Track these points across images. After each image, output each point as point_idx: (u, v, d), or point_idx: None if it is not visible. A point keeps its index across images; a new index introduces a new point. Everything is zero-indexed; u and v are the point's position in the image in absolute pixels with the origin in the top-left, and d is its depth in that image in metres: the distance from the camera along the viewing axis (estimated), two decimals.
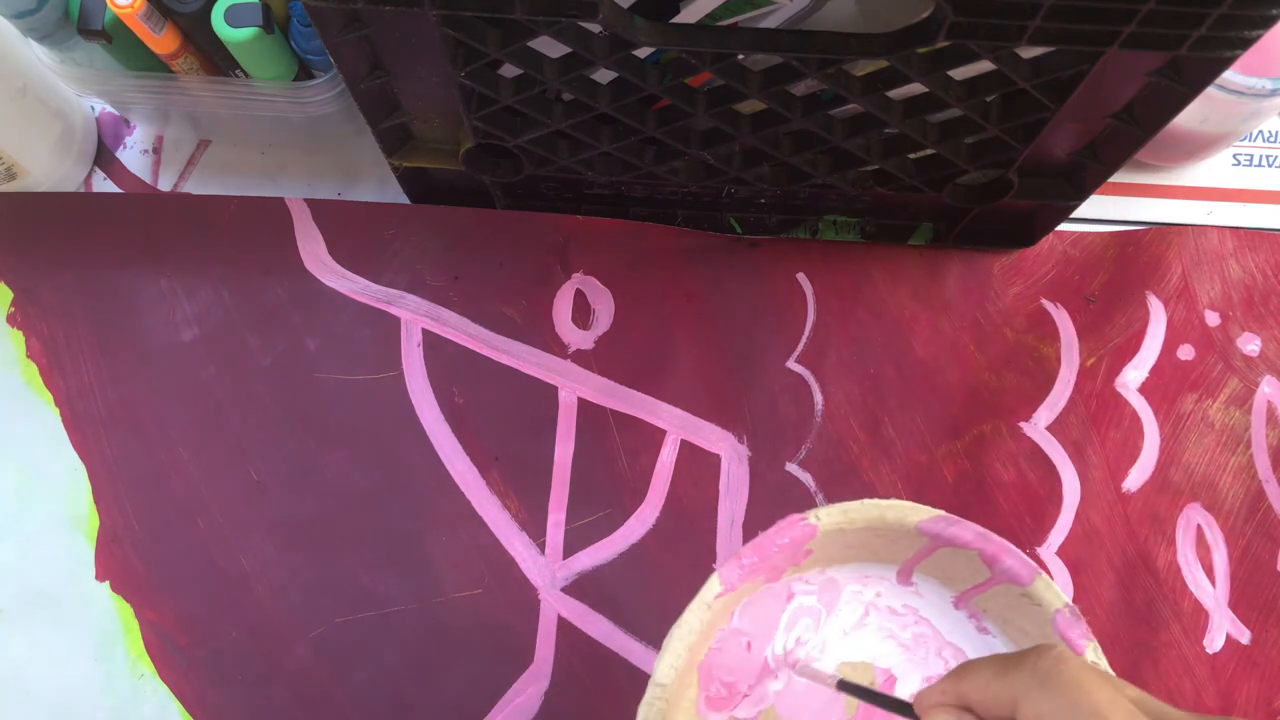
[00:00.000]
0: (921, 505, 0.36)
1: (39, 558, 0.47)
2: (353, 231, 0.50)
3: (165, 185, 0.53)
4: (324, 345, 0.49)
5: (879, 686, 0.39)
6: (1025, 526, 0.48)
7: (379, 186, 0.53)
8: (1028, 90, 0.37)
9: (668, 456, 0.49)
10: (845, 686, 0.34)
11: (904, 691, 0.39)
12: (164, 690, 0.46)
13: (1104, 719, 0.24)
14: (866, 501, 0.37)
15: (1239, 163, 0.54)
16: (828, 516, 0.37)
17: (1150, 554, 0.48)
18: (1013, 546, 0.37)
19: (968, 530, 0.36)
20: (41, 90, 0.48)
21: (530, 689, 0.46)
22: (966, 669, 0.28)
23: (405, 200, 0.51)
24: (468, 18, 0.35)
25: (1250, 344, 0.51)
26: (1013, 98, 0.39)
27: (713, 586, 0.36)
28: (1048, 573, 0.37)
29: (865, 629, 0.39)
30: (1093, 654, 0.35)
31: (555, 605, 0.47)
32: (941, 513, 0.36)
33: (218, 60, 0.46)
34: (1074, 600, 0.48)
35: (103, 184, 0.53)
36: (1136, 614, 0.47)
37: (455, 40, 0.36)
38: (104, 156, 0.53)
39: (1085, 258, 0.52)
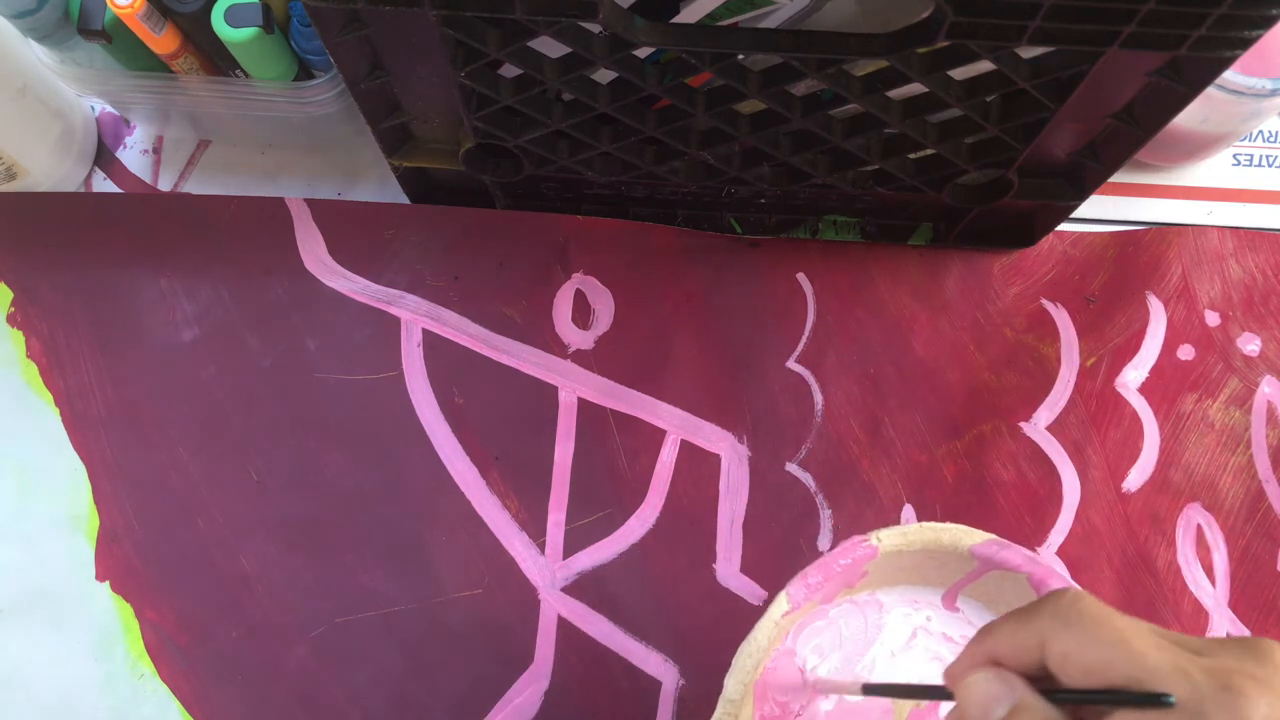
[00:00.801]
0: (975, 529, 0.37)
1: (39, 558, 0.47)
2: (353, 231, 0.50)
3: (165, 185, 0.53)
4: (324, 345, 0.49)
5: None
6: (1025, 526, 0.48)
7: (379, 186, 0.53)
8: (1028, 90, 0.37)
9: (668, 456, 0.49)
10: (871, 689, 0.34)
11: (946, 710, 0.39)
12: (164, 690, 0.46)
13: (1128, 644, 0.25)
14: (925, 525, 0.37)
15: (1239, 163, 0.54)
16: (889, 538, 0.37)
17: (1150, 554, 0.48)
18: (1058, 570, 0.37)
19: (1017, 554, 0.37)
20: (41, 90, 0.48)
21: (530, 689, 0.46)
22: (987, 630, 0.28)
23: (405, 200, 0.51)
24: (468, 18, 0.35)
25: (1250, 344, 0.51)
26: (1013, 98, 0.39)
27: (780, 604, 0.36)
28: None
29: (912, 651, 0.40)
30: None
31: (555, 605, 0.47)
32: (993, 537, 0.37)
33: (218, 60, 0.46)
34: None
35: (103, 184, 0.53)
36: (1136, 614, 0.47)
37: (455, 40, 0.36)
38: (104, 156, 0.53)
39: (1085, 258, 0.52)
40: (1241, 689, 0.24)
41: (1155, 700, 0.24)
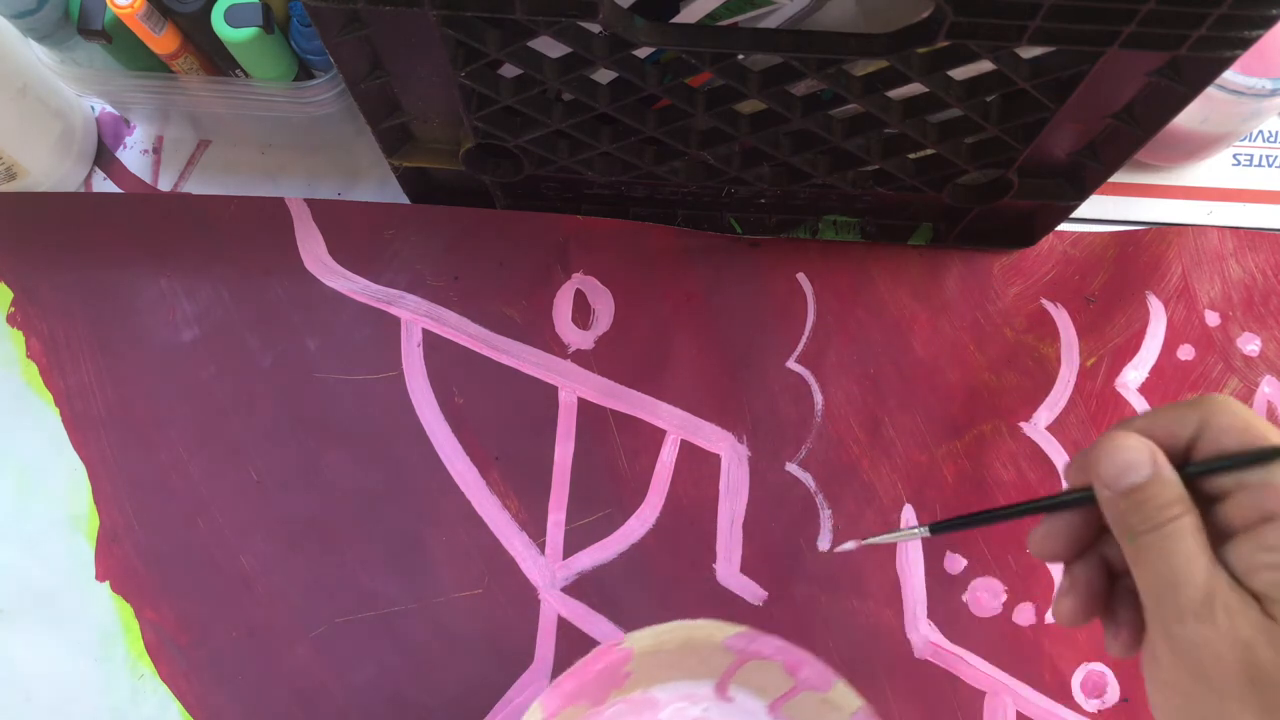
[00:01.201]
0: (727, 623, 0.39)
1: (39, 558, 0.47)
2: (353, 231, 0.50)
3: (165, 185, 0.53)
4: (324, 345, 0.49)
5: None
6: (1025, 526, 0.48)
7: (379, 186, 0.53)
8: (1028, 90, 0.37)
9: (668, 456, 0.49)
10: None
11: None
12: (164, 690, 0.46)
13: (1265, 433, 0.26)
14: (676, 623, 0.39)
15: (1239, 163, 0.54)
16: (640, 640, 0.39)
17: None
18: (812, 656, 0.39)
19: (769, 645, 0.39)
20: (41, 90, 0.48)
21: (530, 689, 0.46)
22: (1147, 413, 0.28)
23: (405, 200, 0.51)
24: (468, 18, 0.35)
25: (1250, 344, 0.51)
26: (1013, 98, 0.39)
27: (534, 714, 0.37)
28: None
29: None
30: None
31: (555, 605, 0.47)
32: (744, 629, 0.39)
33: (218, 60, 0.46)
34: None
35: (103, 184, 0.53)
36: None
37: (455, 40, 0.36)
38: (104, 156, 0.53)
39: (1085, 258, 0.52)
40: None
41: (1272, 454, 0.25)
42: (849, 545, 0.39)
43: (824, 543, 0.48)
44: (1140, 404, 0.50)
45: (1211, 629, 0.24)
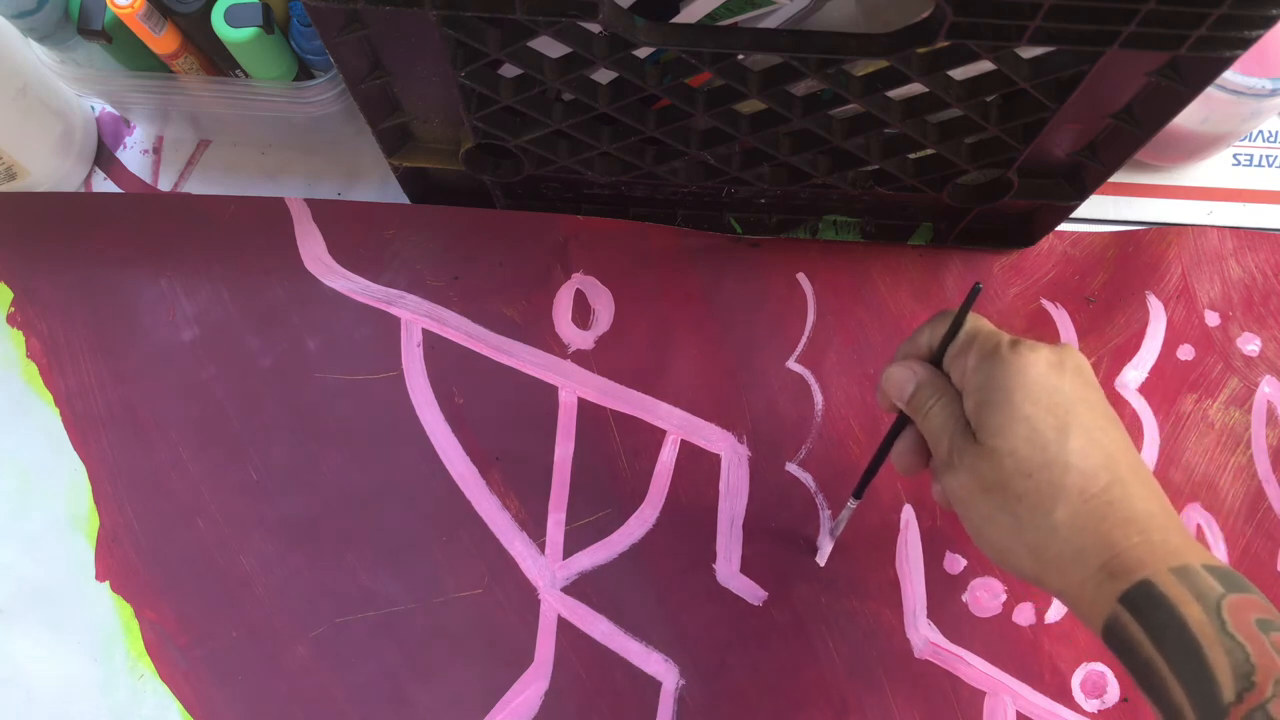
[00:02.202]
0: None
1: (39, 558, 0.47)
2: (353, 231, 0.50)
3: (165, 185, 0.53)
4: (324, 345, 0.49)
5: None
6: None
7: (379, 186, 0.53)
8: (1028, 90, 0.37)
9: (668, 456, 0.49)
10: (858, 492, 0.43)
11: None
12: (164, 690, 0.46)
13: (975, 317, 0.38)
14: None
15: (1239, 163, 0.54)
16: None
17: None
18: None
19: None
20: (41, 90, 0.48)
21: (530, 689, 0.46)
22: (911, 337, 0.39)
23: (405, 200, 0.51)
24: (468, 18, 0.35)
25: (1250, 344, 0.51)
26: (1013, 98, 0.39)
27: None
28: None
29: None
30: None
31: (555, 605, 0.47)
32: None
33: (218, 60, 0.46)
34: None
35: (103, 184, 0.53)
36: None
37: (455, 40, 0.36)
38: (104, 156, 0.53)
39: (1085, 258, 0.52)
40: (1030, 343, 0.36)
41: (958, 324, 0.37)
42: (827, 547, 0.47)
43: (824, 543, 0.48)
44: (1140, 404, 0.50)
45: (952, 473, 0.36)
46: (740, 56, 0.36)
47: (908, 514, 0.48)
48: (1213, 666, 0.30)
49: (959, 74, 0.37)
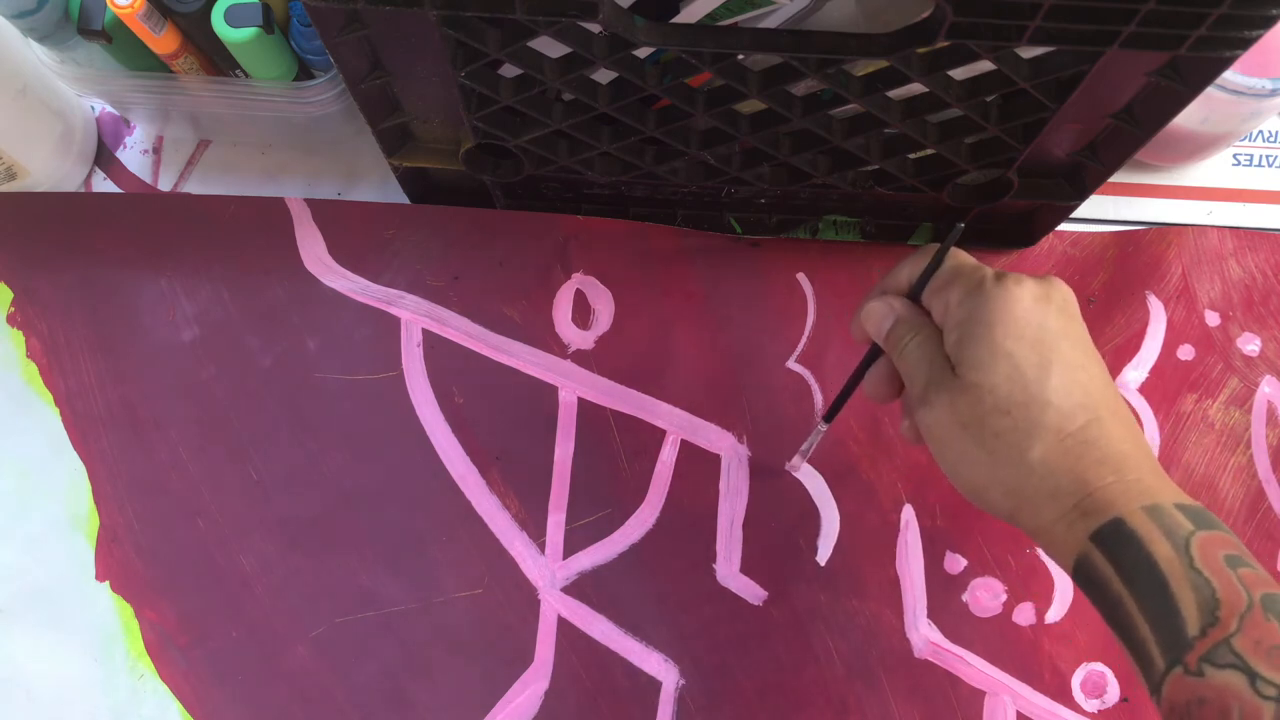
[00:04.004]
0: None
1: (39, 558, 0.47)
2: (353, 231, 0.50)
3: (165, 185, 0.53)
4: (324, 345, 0.49)
5: None
6: None
7: (379, 186, 0.53)
8: (1028, 90, 0.37)
9: (668, 456, 0.49)
10: (829, 415, 0.44)
11: None
12: (164, 690, 0.46)
13: (954, 252, 0.38)
14: None
15: (1239, 163, 0.54)
16: None
17: None
18: None
19: None
20: (41, 90, 0.48)
21: (530, 689, 0.46)
22: (891, 273, 0.40)
23: (405, 200, 0.51)
24: (468, 18, 0.35)
25: (1250, 344, 0.51)
26: (1013, 98, 0.39)
27: None
28: None
29: None
30: None
31: (555, 605, 0.47)
32: None
33: (218, 60, 0.46)
34: (1074, 601, 0.48)
35: (103, 184, 0.53)
36: None
37: (455, 40, 0.36)
38: (104, 156, 0.53)
39: (1085, 258, 0.52)
40: (1015, 276, 0.35)
41: (939, 260, 0.37)
42: (799, 463, 0.47)
43: (824, 543, 0.48)
44: (1140, 404, 0.50)
45: (927, 408, 0.36)
46: (740, 56, 0.36)
47: (908, 514, 0.48)
48: (1179, 602, 0.30)
49: (959, 74, 0.37)
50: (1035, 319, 0.35)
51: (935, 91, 0.37)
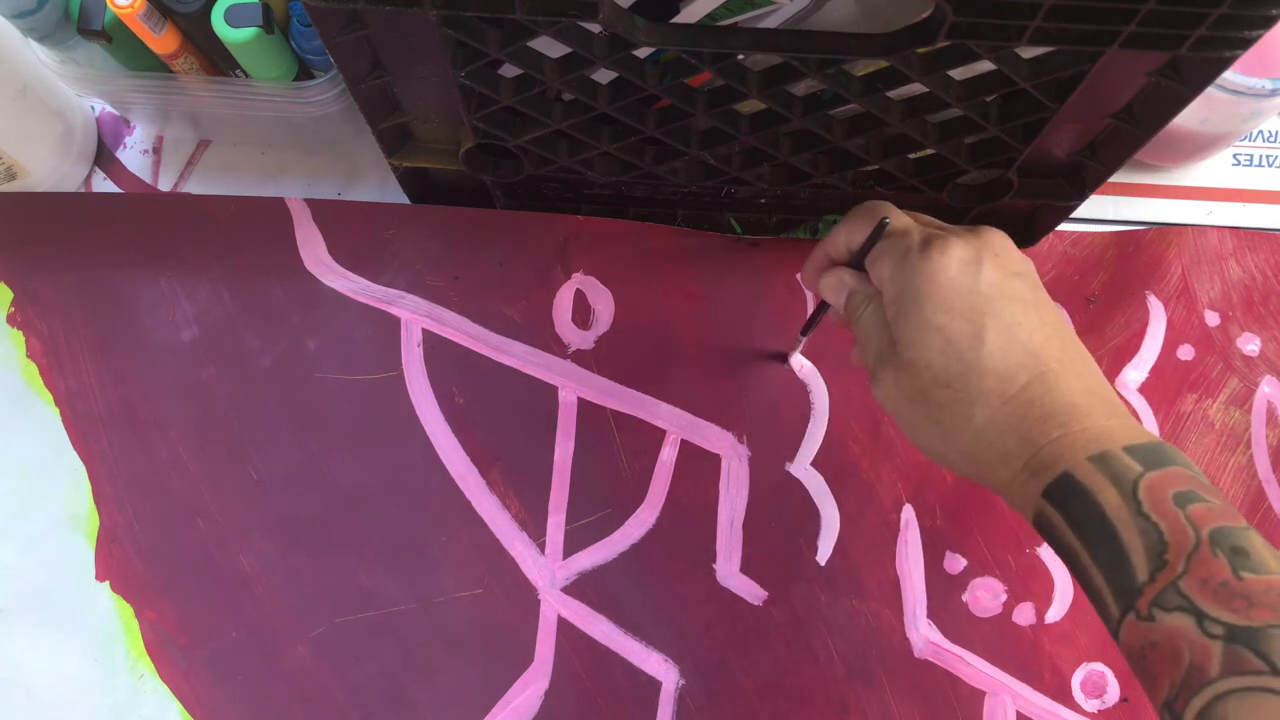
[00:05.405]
0: None
1: (39, 558, 0.47)
2: (353, 231, 0.50)
3: (165, 185, 0.53)
4: (324, 345, 0.49)
5: None
6: (1025, 526, 0.48)
7: (379, 186, 0.53)
8: (1028, 90, 0.37)
9: (668, 456, 0.49)
10: (800, 339, 0.47)
11: None
12: (164, 690, 0.46)
13: (889, 213, 0.38)
14: None
15: (1239, 163, 0.54)
16: None
17: None
18: None
19: None
20: (41, 90, 0.48)
21: (530, 689, 0.46)
22: (820, 242, 0.40)
23: (405, 200, 0.51)
24: (468, 18, 0.35)
25: (1250, 344, 0.51)
26: (1013, 98, 0.39)
27: None
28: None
29: None
30: None
31: (555, 605, 0.47)
32: None
33: (218, 60, 0.46)
34: (1075, 601, 0.48)
35: (103, 184, 0.53)
36: None
37: (455, 40, 0.36)
38: (104, 156, 0.53)
39: (1085, 258, 0.52)
40: (943, 240, 0.35)
41: (879, 230, 0.37)
42: (797, 353, 0.49)
43: (824, 543, 0.48)
44: (1140, 404, 0.50)
45: (876, 384, 0.36)
46: (740, 56, 0.36)
47: (908, 514, 0.48)
48: (1128, 549, 0.30)
49: (959, 74, 0.37)
50: (964, 285, 0.34)
51: (935, 91, 0.37)
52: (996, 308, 0.34)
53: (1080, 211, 0.47)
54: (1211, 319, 0.51)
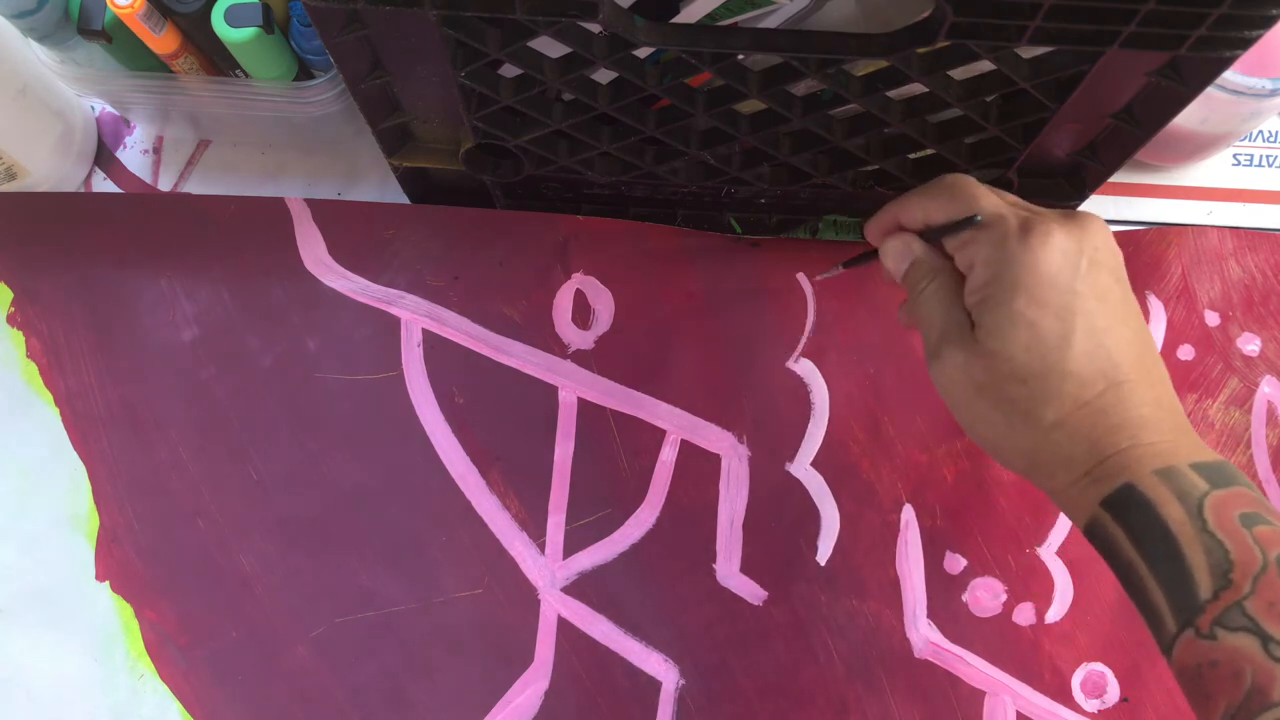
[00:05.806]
0: None
1: (39, 558, 0.47)
2: (353, 231, 0.50)
3: (165, 185, 0.53)
4: (324, 345, 0.49)
5: None
6: (1025, 526, 0.48)
7: (379, 186, 0.53)
8: (1028, 90, 0.37)
9: (668, 456, 0.49)
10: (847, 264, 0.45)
11: None
12: (164, 690, 0.46)
13: (974, 197, 0.36)
14: None
15: (1239, 163, 0.54)
16: None
17: None
18: None
19: None
20: (41, 90, 0.48)
21: (530, 689, 0.46)
22: (895, 202, 0.39)
23: (405, 200, 0.51)
24: (468, 18, 0.35)
25: (1250, 344, 0.51)
26: (1013, 98, 0.39)
27: None
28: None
29: None
30: None
31: (555, 605, 0.47)
32: None
33: (218, 60, 0.46)
34: (1075, 601, 0.48)
35: (103, 184, 0.53)
36: (1137, 614, 0.47)
37: (455, 40, 0.36)
38: (104, 156, 0.53)
39: None
40: (1044, 228, 0.34)
41: (970, 221, 0.35)
42: (834, 271, 0.47)
43: (824, 543, 0.48)
44: None
45: (939, 364, 0.35)
46: (740, 56, 0.36)
47: (908, 514, 0.48)
48: (1191, 566, 0.30)
49: (959, 74, 0.37)
50: (1062, 281, 0.33)
51: (935, 91, 0.37)
52: (1089, 308, 0.33)
53: None
54: (1211, 319, 0.51)
